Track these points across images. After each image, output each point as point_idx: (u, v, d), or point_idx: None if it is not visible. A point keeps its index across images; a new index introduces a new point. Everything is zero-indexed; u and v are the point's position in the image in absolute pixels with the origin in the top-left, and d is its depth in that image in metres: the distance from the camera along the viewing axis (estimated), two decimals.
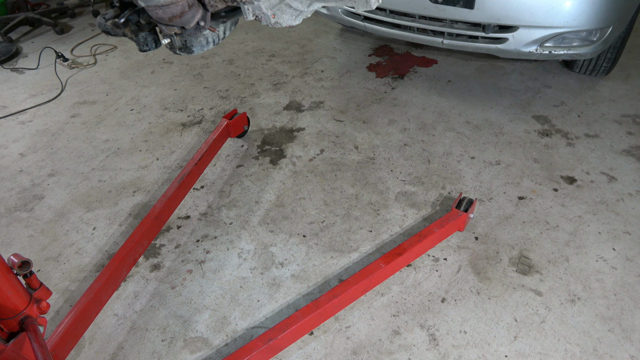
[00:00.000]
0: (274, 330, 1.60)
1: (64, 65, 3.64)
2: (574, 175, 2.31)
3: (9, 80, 3.55)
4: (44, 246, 2.15)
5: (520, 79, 3.06)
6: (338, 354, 1.66)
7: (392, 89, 3.05)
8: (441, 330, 1.71)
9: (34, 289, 1.32)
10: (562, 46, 2.43)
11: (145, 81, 3.39)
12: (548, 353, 1.62)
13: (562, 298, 1.78)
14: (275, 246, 2.07)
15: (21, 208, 2.37)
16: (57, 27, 4.19)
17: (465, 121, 2.71)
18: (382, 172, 2.40)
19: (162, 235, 2.16)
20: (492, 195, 2.23)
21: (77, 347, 1.74)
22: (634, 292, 1.79)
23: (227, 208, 2.28)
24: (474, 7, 2.38)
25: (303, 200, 2.28)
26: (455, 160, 2.45)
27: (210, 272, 1.98)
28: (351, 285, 1.72)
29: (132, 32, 1.27)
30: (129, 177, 2.51)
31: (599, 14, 2.29)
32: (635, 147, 2.45)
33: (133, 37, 1.30)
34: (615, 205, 2.14)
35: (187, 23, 1.18)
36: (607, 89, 2.90)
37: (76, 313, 1.64)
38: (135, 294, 1.91)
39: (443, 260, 1.95)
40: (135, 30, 1.26)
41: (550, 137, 2.55)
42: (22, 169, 2.63)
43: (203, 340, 1.74)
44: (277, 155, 2.58)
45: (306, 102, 2.98)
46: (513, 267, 1.90)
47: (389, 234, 2.08)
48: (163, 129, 2.86)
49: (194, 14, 1.18)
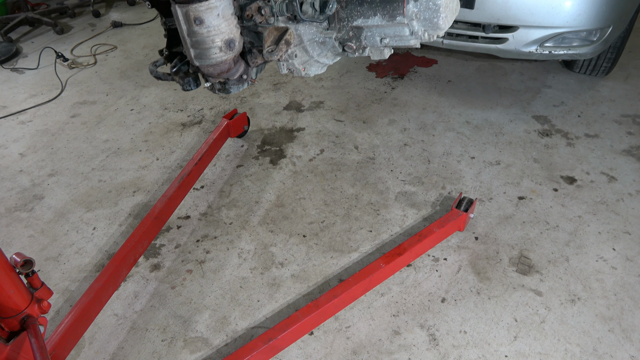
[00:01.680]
0: (274, 330, 1.60)
1: (64, 65, 3.64)
2: (574, 175, 2.31)
3: (9, 80, 3.55)
4: (44, 246, 2.15)
5: (520, 79, 3.06)
6: (338, 354, 1.66)
7: (392, 89, 3.05)
8: (441, 330, 1.71)
9: (35, 289, 1.32)
10: (562, 46, 2.43)
11: (145, 81, 3.39)
12: (548, 353, 1.62)
13: (562, 298, 1.78)
14: (275, 246, 2.07)
15: (21, 208, 2.37)
16: (57, 27, 4.19)
17: (465, 121, 2.71)
18: (382, 172, 2.40)
19: (162, 235, 2.16)
20: (492, 195, 2.23)
21: (77, 347, 1.74)
22: (634, 292, 1.79)
23: (227, 208, 2.28)
24: (473, 7, 2.38)
25: (303, 200, 2.28)
26: (455, 160, 2.45)
27: (210, 272, 1.98)
28: (351, 285, 1.72)
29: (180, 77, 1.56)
30: (129, 177, 2.51)
31: (599, 14, 2.29)
32: (635, 147, 2.45)
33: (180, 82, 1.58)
34: (615, 205, 2.14)
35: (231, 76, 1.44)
36: (607, 89, 2.90)
37: (76, 313, 1.64)
38: (135, 294, 1.91)
39: (443, 260, 1.95)
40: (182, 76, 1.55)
41: (550, 137, 2.55)
42: (22, 169, 2.63)
43: (203, 340, 1.74)
44: (277, 155, 2.58)
45: (306, 102, 2.98)
46: (513, 267, 1.90)
47: (389, 234, 2.08)
48: (163, 129, 2.86)
49: (238, 69, 1.44)
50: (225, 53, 1.36)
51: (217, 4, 1.29)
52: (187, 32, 1.33)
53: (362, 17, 1.36)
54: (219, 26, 1.31)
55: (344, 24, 1.39)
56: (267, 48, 1.39)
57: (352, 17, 1.38)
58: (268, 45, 1.40)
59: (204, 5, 1.27)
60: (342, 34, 1.40)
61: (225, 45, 1.35)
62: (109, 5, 4.81)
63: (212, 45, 1.33)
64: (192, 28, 1.31)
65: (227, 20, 1.33)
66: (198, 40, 1.33)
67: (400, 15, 1.31)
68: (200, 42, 1.33)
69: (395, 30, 1.36)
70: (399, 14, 1.31)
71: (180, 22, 1.32)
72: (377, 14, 1.34)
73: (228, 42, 1.35)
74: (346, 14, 1.37)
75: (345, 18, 1.38)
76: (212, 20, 1.29)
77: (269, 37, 1.41)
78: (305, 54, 1.48)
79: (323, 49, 1.48)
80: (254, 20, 1.37)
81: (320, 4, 1.35)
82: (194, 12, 1.28)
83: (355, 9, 1.36)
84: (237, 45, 1.39)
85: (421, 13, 1.33)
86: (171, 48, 1.63)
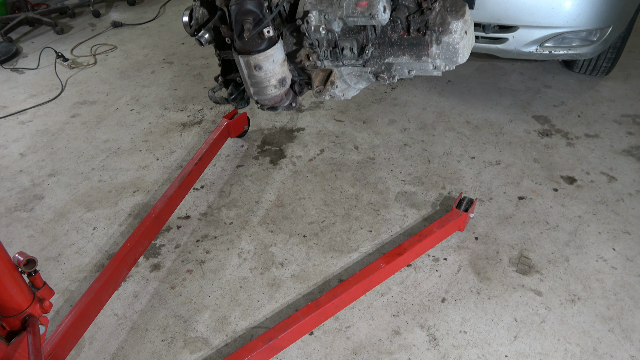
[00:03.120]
0: (274, 330, 1.60)
1: (64, 65, 3.64)
2: (574, 175, 2.31)
3: (9, 80, 3.55)
4: (44, 246, 2.15)
5: (520, 79, 3.06)
6: (338, 354, 1.67)
7: (392, 89, 3.05)
8: (441, 330, 1.71)
9: (37, 288, 1.32)
10: (562, 46, 2.43)
11: (145, 81, 3.39)
12: (548, 353, 1.62)
13: (562, 298, 1.78)
14: (275, 246, 2.07)
15: (21, 208, 2.37)
16: (57, 27, 4.19)
17: (465, 121, 2.72)
18: (382, 172, 2.40)
19: (162, 235, 2.16)
20: (492, 195, 2.23)
21: (77, 347, 1.74)
22: (634, 292, 1.79)
23: (227, 208, 2.28)
24: (473, 7, 2.38)
25: (303, 200, 2.28)
26: (455, 160, 2.45)
27: (210, 272, 1.98)
28: (351, 285, 1.72)
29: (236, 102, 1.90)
30: (129, 177, 2.51)
31: (599, 13, 2.29)
32: (635, 147, 2.45)
33: (235, 105, 1.91)
34: (615, 205, 2.14)
35: (282, 105, 1.73)
36: (607, 89, 2.90)
37: (76, 313, 1.64)
38: (135, 294, 1.91)
39: (443, 260, 1.95)
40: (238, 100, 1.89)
41: (550, 137, 2.55)
42: (22, 169, 2.63)
43: (203, 340, 1.74)
44: (277, 155, 2.58)
45: (306, 102, 2.98)
46: (513, 267, 1.90)
47: (389, 234, 2.08)
48: (163, 129, 2.86)
49: (288, 99, 1.73)
50: (278, 89, 1.64)
51: (272, 53, 1.55)
52: (247, 75, 1.61)
53: (393, 55, 1.59)
54: (274, 69, 1.58)
55: (377, 60, 1.61)
56: (316, 88, 1.64)
57: (384, 56, 1.60)
58: (316, 86, 1.64)
59: (262, 55, 1.54)
60: (375, 68, 1.63)
61: (278, 84, 1.63)
62: (109, 5, 4.81)
63: (269, 84, 1.61)
64: (252, 72, 1.58)
65: (280, 64, 1.60)
66: (257, 81, 1.61)
67: (425, 56, 1.55)
68: (259, 82, 1.61)
69: (421, 65, 1.60)
70: (424, 54, 1.55)
71: (242, 67, 1.59)
72: (406, 53, 1.57)
73: (281, 81, 1.63)
74: (379, 52, 1.60)
75: (379, 56, 1.60)
76: (268, 66, 1.56)
77: (316, 78, 1.66)
78: (344, 83, 1.74)
79: (360, 80, 1.73)
80: (303, 63, 1.63)
81: (358, 49, 1.59)
82: (254, 61, 1.55)
83: (387, 49, 1.59)
84: (288, 82, 1.67)
85: (442, 54, 1.55)
86: (225, 75, 1.91)
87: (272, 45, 1.55)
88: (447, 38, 1.51)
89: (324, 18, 1.54)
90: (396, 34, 1.56)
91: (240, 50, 1.56)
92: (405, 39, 1.55)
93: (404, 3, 1.56)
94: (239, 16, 1.52)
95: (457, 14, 1.51)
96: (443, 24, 1.51)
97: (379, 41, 1.59)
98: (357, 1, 1.47)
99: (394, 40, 1.57)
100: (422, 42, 1.53)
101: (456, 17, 1.51)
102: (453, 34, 1.50)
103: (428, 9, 1.52)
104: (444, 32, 1.51)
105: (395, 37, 1.56)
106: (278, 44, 1.58)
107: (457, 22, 1.51)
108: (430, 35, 1.52)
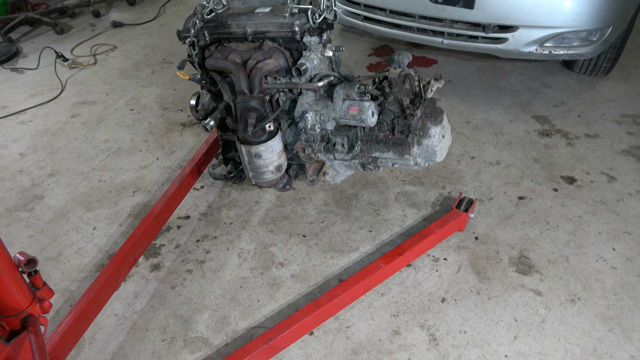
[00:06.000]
0: (274, 330, 1.60)
1: (64, 65, 3.64)
2: (574, 175, 2.31)
3: (9, 80, 3.55)
4: (44, 246, 2.15)
5: (520, 79, 3.06)
6: (338, 354, 1.67)
7: None
8: (441, 330, 1.71)
9: (37, 288, 1.32)
10: (562, 46, 2.43)
11: (145, 81, 3.39)
12: (548, 353, 1.62)
13: (562, 298, 1.78)
14: (275, 246, 2.07)
15: (21, 208, 2.37)
16: (57, 27, 4.19)
17: (465, 121, 2.71)
18: (382, 172, 2.40)
19: (162, 235, 2.16)
20: (492, 195, 2.23)
21: (77, 347, 1.74)
22: (634, 292, 1.79)
23: (227, 208, 2.28)
24: (474, 7, 2.38)
25: (303, 200, 2.28)
26: (455, 160, 2.45)
27: (210, 272, 1.98)
28: (351, 285, 1.72)
29: (234, 180, 2.12)
30: (129, 177, 2.51)
31: (599, 14, 2.29)
32: (635, 147, 2.45)
33: (233, 181, 2.14)
34: (615, 205, 2.14)
35: (277, 187, 1.94)
36: (607, 89, 2.90)
37: (76, 313, 1.64)
38: (135, 294, 1.91)
39: (443, 260, 1.95)
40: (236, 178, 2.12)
41: (550, 137, 2.55)
42: (22, 169, 2.63)
43: (203, 340, 1.74)
44: None
45: None
46: (513, 267, 1.90)
47: (389, 234, 2.08)
48: (163, 129, 2.86)
49: (283, 181, 1.93)
50: (275, 175, 1.82)
51: (272, 144, 1.74)
52: (248, 161, 1.79)
53: (379, 151, 1.78)
54: (272, 158, 1.77)
55: (364, 154, 1.80)
56: (310, 177, 1.85)
57: (371, 150, 1.79)
58: (310, 175, 1.86)
59: (262, 146, 1.73)
60: (363, 160, 1.81)
61: (276, 170, 1.81)
62: (109, 5, 4.81)
63: (267, 170, 1.79)
64: (252, 159, 1.76)
65: (277, 153, 1.78)
66: (256, 167, 1.78)
67: (407, 154, 1.74)
68: (258, 168, 1.78)
69: (403, 161, 1.79)
70: (407, 153, 1.74)
71: (244, 154, 1.77)
72: (390, 150, 1.76)
73: (278, 167, 1.81)
74: (367, 147, 1.79)
75: (366, 150, 1.80)
76: (267, 155, 1.75)
77: (310, 168, 1.87)
78: (334, 171, 1.95)
79: (348, 168, 1.94)
80: (299, 155, 1.82)
81: (348, 145, 1.79)
82: (254, 150, 1.73)
83: (374, 145, 1.78)
84: (284, 168, 1.85)
85: (422, 154, 1.74)
86: (225, 154, 2.12)
87: (271, 138, 1.74)
88: (426, 141, 1.71)
89: (319, 118, 1.72)
90: (382, 133, 1.76)
91: (242, 140, 1.75)
92: (390, 139, 1.75)
93: (390, 108, 1.75)
94: (244, 112, 1.72)
95: (436, 120, 1.72)
96: (423, 129, 1.71)
97: (367, 138, 1.78)
98: (350, 105, 1.65)
99: (380, 138, 1.76)
100: (405, 142, 1.72)
101: (435, 123, 1.71)
102: (432, 137, 1.70)
103: (411, 115, 1.71)
104: (424, 135, 1.71)
105: (381, 136, 1.76)
106: (277, 136, 1.76)
107: (436, 127, 1.71)
108: (412, 138, 1.71)
